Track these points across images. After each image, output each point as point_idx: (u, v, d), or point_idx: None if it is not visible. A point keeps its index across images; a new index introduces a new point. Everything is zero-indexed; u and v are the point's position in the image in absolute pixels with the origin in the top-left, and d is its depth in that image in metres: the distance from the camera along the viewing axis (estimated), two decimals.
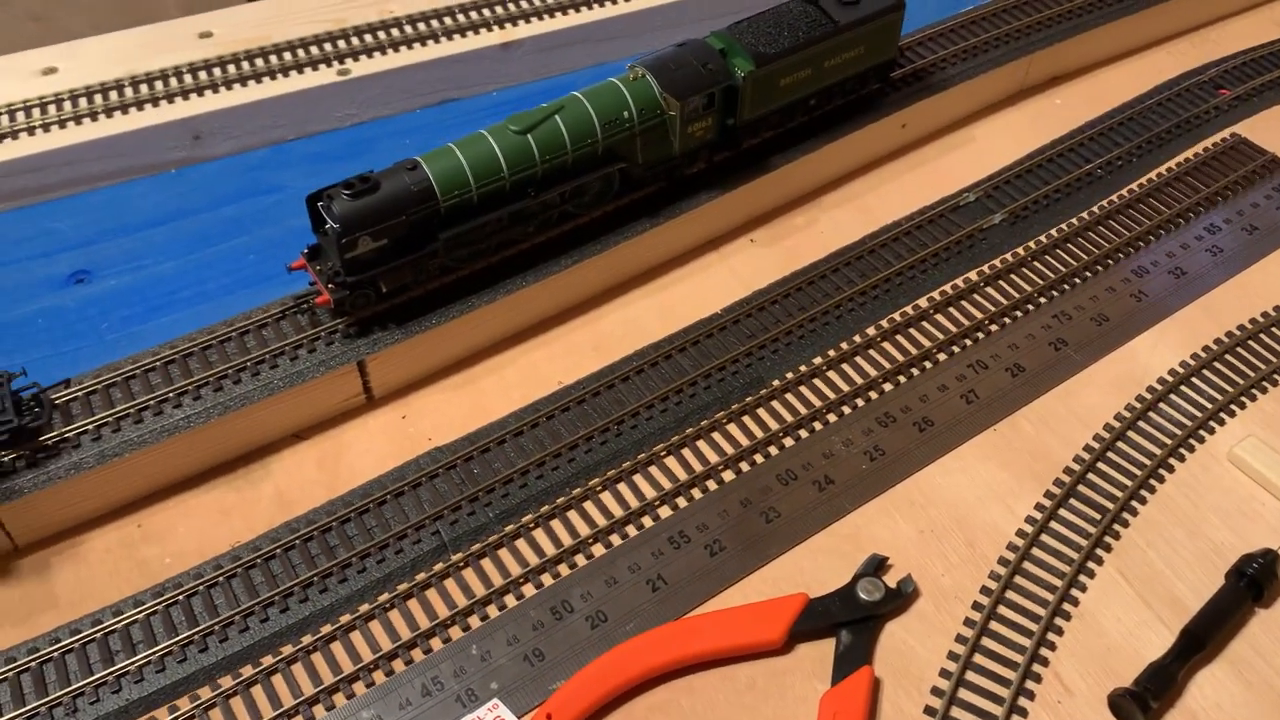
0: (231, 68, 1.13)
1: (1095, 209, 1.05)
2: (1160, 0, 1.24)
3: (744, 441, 0.87)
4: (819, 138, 1.06)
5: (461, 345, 0.92)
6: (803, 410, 0.89)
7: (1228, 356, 0.93)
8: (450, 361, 0.93)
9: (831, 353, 0.93)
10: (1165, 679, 0.72)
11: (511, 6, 1.21)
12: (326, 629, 0.76)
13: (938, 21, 1.19)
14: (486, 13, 1.20)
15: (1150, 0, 1.24)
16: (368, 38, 1.17)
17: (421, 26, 1.19)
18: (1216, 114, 1.16)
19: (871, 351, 0.93)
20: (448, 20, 1.19)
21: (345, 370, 0.87)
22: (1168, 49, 1.27)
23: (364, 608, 0.77)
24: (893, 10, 1.01)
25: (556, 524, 0.82)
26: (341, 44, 1.17)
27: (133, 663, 0.73)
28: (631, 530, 0.82)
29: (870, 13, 1.00)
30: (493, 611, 0.77)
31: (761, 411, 0.89)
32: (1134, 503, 0.83)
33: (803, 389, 0.91)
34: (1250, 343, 0.94)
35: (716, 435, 0.88)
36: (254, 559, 0.79)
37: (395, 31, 1.18)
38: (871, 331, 0.95)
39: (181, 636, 0.75)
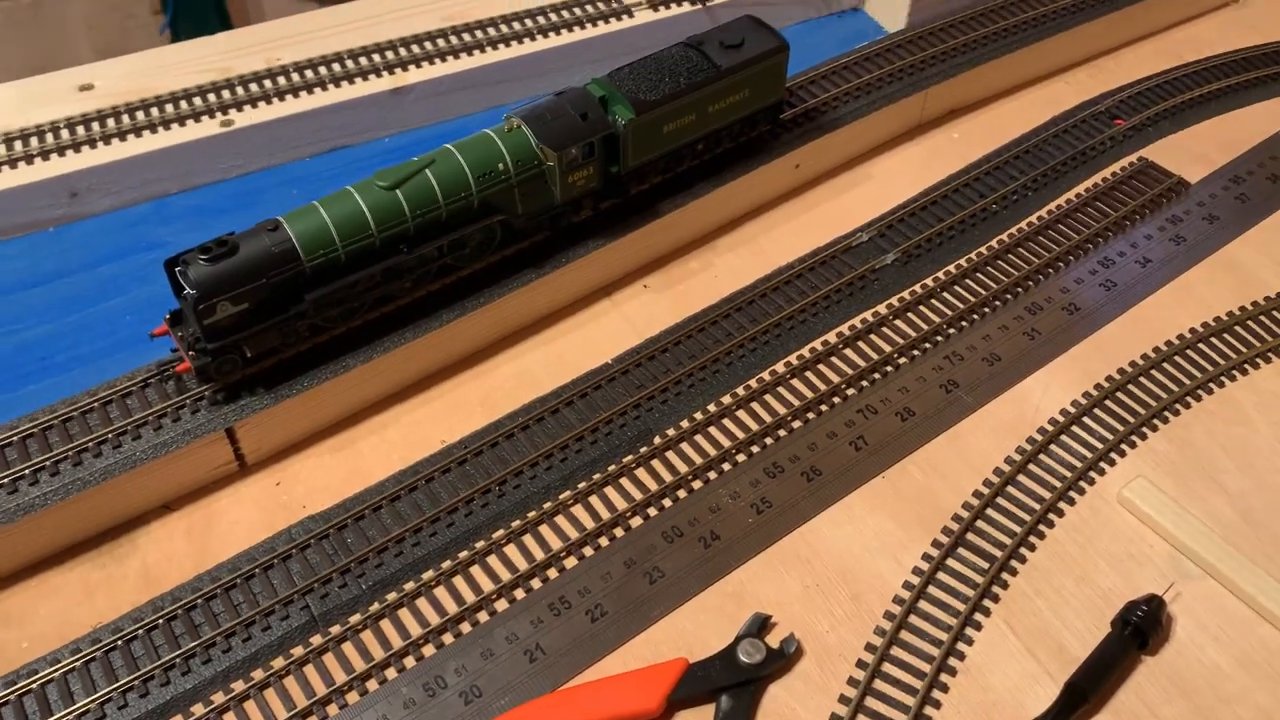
0: (111, 121, 1.10)
1: (990, 246, 1.05)
2: (1054, 32, 1.24)
3: (630, 498, 0.85)
4: (710, 181, 1.04)
5: (337, 407, 0.89)
6: (690, 463, 0.87)
7: (1119, 394, 0.92)
8: (327, 424, 0.90)
9: (724, 400, 0.92)
10: None
11: (403, 51, 1.19)
12: (194, 711, 0.73)
13: (830, 59, 1.19)
14: (377, 58, 1.18)
15: (1045, 32, 1.24)
16: (253, 86, 1.15)
17: (309, 74, 1.16)
18: (1112, 144, 1.16)
19: (761, 399, 0.92)
20: (336, 67, 1.17)
21: (213, 438, 0.84)
22: (1065, 79, 1.27)
23: (233, 686, 0.74)
24: (777, 52, 1.00)
25: (435, 592, 0.79)
26: (226, 94, 1.14)
27: None
28: (512, 597, 0.79)
29: (753, 55, 0.99)
30: (369, 687, 0.74)
31: (649, 466, 0.87)
32: (1023, 549, 0.82)
33: (691, 441, 0.89)
34: (1142, 379, 0.93)
35: (602, 493, 0.85)
36: (114, 641, 0.76)
37: (282, 80, 1.15)
38: (763, 378, 0.93)
39: None
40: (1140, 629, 0.75)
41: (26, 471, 0.81)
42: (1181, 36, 1.34)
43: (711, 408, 0.91)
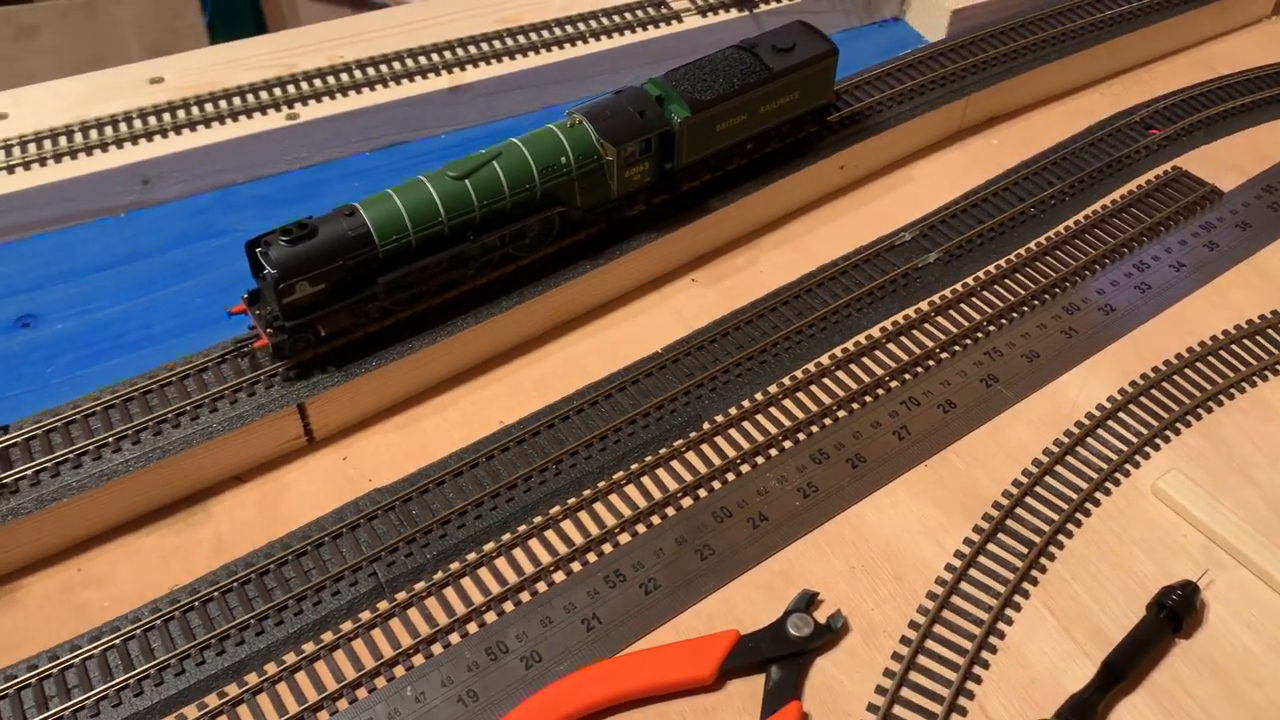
0: (181, 113, 1.15)
1: (1028, 248, 1.08)
2: (1091, 44, 1.28)
3: (681, 480, 0.88)
4: (757, 180, 1.08)
5: (402, 387, 0.93)
6: (739, 448, 0.91)
7: (1154, 391, 0.95)
8: (392, 403, 0.94)
9: (770, 389, 0.95)
10: (1085, 710, 0.74)
11: (460, 52, 1.23)
12: (267, 670, 0.76)
13: (876, 65, 1.22)
14: (435, 58, 1.22)
15: (1082, 44, 1.28)
16: (317, 82, 1.19)
17: (370, 71, 1.21)
18: (1147, 153, 1.19)
19: (807, 389, 0.95)
20: (396, 65, 1.21)
21: (285, 413, 0.88)
22: (1100, 90, 1.30)
23: (304, 648, 0.78)
24: (827, 56, 1.04)
25: (496, 563, 0.83)
26: (291, 89, 1.18)
27: (67, 708, 0.74)
28: (569, 569, 0.83)
29: (804, 59, 1.03)
30: (434, 651, 0.78)
31: (699, 450, 0.91)
32: (1060, 536, 0.85)
33: (739, 427, 0.92)
34: (1176, 377, 0.96)
35: (654, 474, 0.89)
36: (191, 602, 0.80)
37: (344, 76, 1.20)
38: (809, 369, 0.97)
39: (116, 681, 0.75)
40: (1175, 612, 0.78)
41: (110, 440, 0.85)
42: (1217, 50, 1.37)
43: (759, 396, 0.95)
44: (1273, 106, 1.26)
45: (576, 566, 0.83)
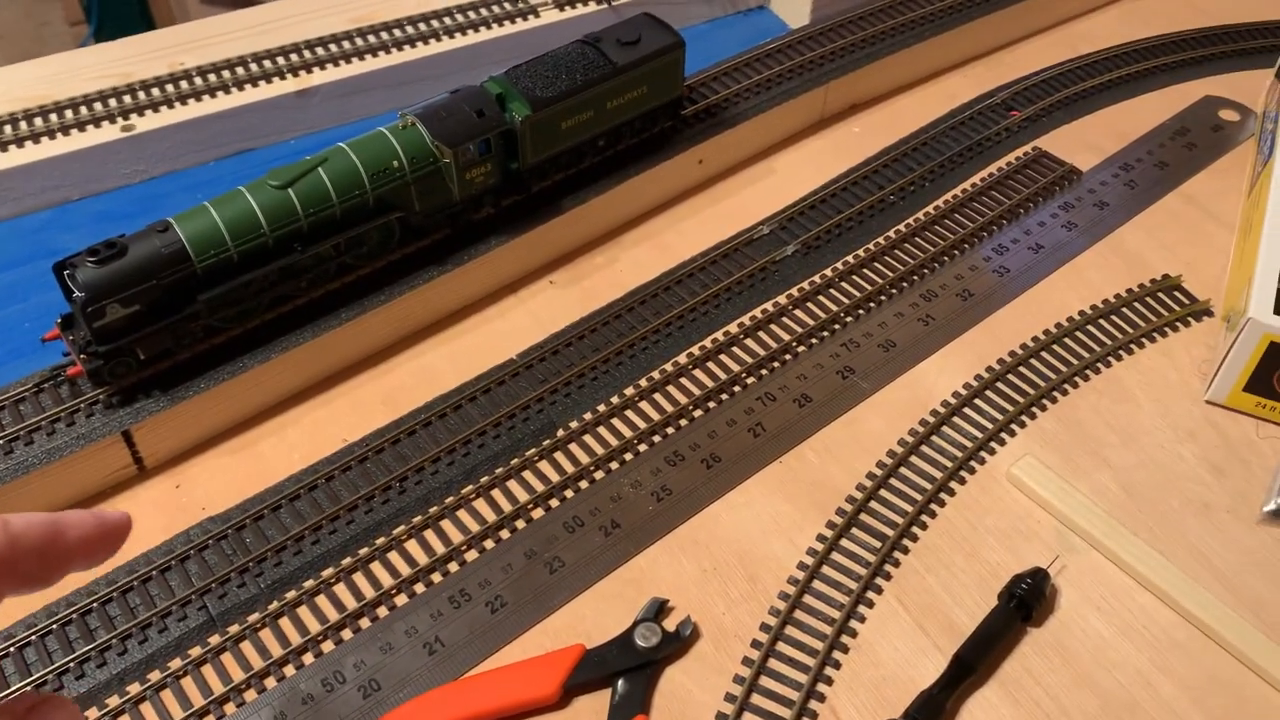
0: (7, 128, 1.09)
1: (887, 236, 1.07)
2: (953, 26, 1.27)
3: (532, 490, 0.86)
4: (612, 178, 1.05)
5: (236, 408, 0.89)
6: (593, 454, 0.88)
7: (1010, 376, 0.95)
8: (227, 425, 0.90)
9: (627, 392, 0.93)
10: (934, 707, 0.73)
11: (307, 54, 1.19)
12: (89, 716, 0.72)
13: (735, 55, 1.21)
14: (281, 61, 1.18)
15: (945, 26, 1.27)
16: (155, 91, 1.14)
17: (213, 78, 1.16)
18: (1008, 135, 1.19)
19: (663, 390, 0.93)
20: (240, 70, 1.17)
21: (109, 442, 0.83)
22: (963, 72, 1.30)
23: (129, 689, 0.74)
24: (673, 49, 1.02)
25: (335, 589, 0.80)
26: (128, 99, 1.13)
27: None
28: (412, 592, 0.80)
29: (649, 52, 1.00)
30: (267, 685, 0.75)
31: (552, 458, 0.88)
32: (914, 528, 0.84)
33: (594, 432, 0.90)
34: (1032, 361, 0.96)
35: (505, 486, 0.86)
36: (7, 648, 0.75)
37: (185, 84, 1.15)
38: (666, 369, 0.95)
39: None
40: (1025, 601, 0.77)
41: None
42: (1079, 29, 1.37)
43: (615, 399, 0.92)
44: (1131, 84, 1.27)
45: (420, 588, 0.80)
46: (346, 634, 0.77)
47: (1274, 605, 0.80)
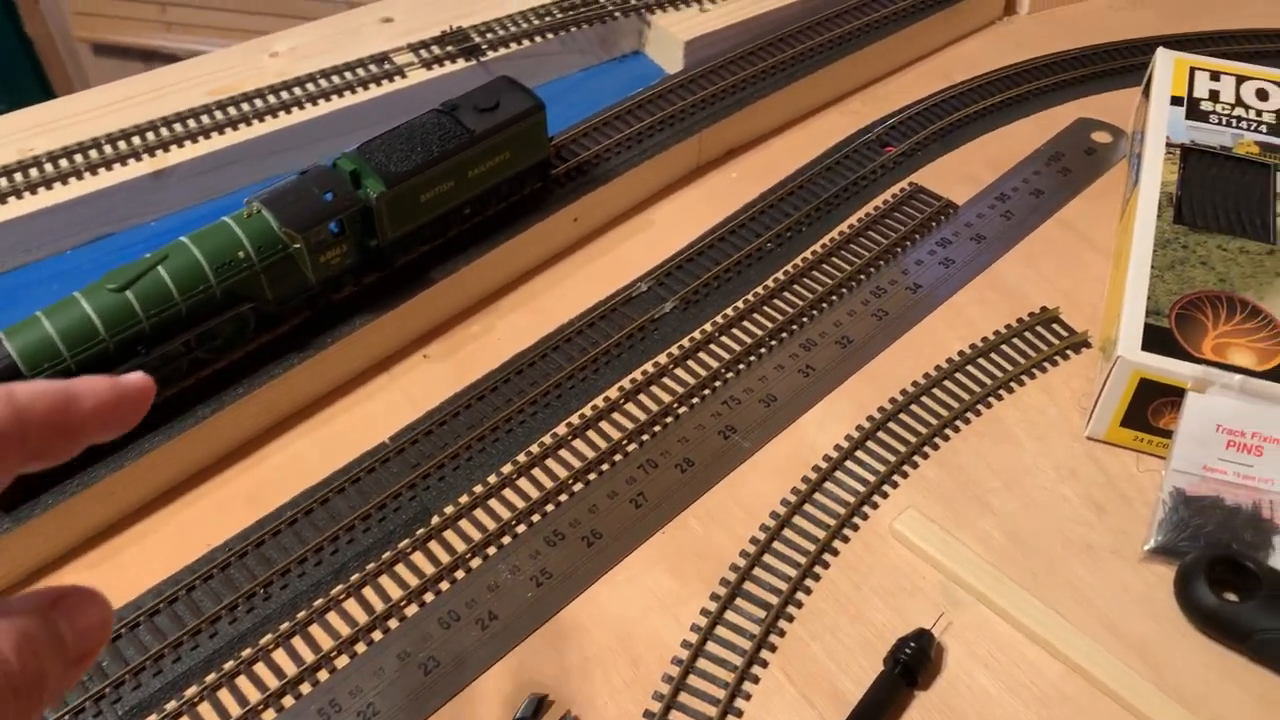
0: None
1: (766, 285, 1.06)
2: (828, 62, 1.27)
3: (406, 585, 0.83)
4: (483, 245, 1.03)
5: (92, 521, 0.85)
6: (469, 541, 0.85)
7: (891, 424, 0.94)
8: (84, 538, 0.86)
9: (504, 469, 0.90)
10: None
11: (165, 131, 1.15)
12: None
13: (606, 108, 1.19)
14: (136, 141, 1.14)
15: (819, 63, 1.27)
16: (3, 181, 1.09)
17: (64, 163, 1.11)
18: (884, 172, 1.19)
19: (542, 465, 0.91)
20: (93, 153, 1.12)
21: None
22: (840, 109, 1.30)
23: None
24: (533, 112, 1.00)
25: (199, 709, 0.76)
26: None
27: None
28: (280, 707, 0.76)
29: (509, 117, 0.98)
30: None
31: (426, 548, 0.85)
32: (799, 593, 0.83)
33: (470, 517, 0.87)
34: (913, 406, 0.95)
35: (376, 583, 0.83)
36: None
37: (35, 172, 1.10)
38: (544, 442, 0.92)
39: None
40: (909, 667, 0.76)
41: None
42: (953, 56, 1.38)
43: (492, 479, 0.90)
44: (1005, 111, 1.27)
45: (289, 701, 0.76)
46: None
47: (1159, 645, 0.79)
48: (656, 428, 0.94)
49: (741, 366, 0.98)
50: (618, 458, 0.91)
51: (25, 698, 0.35)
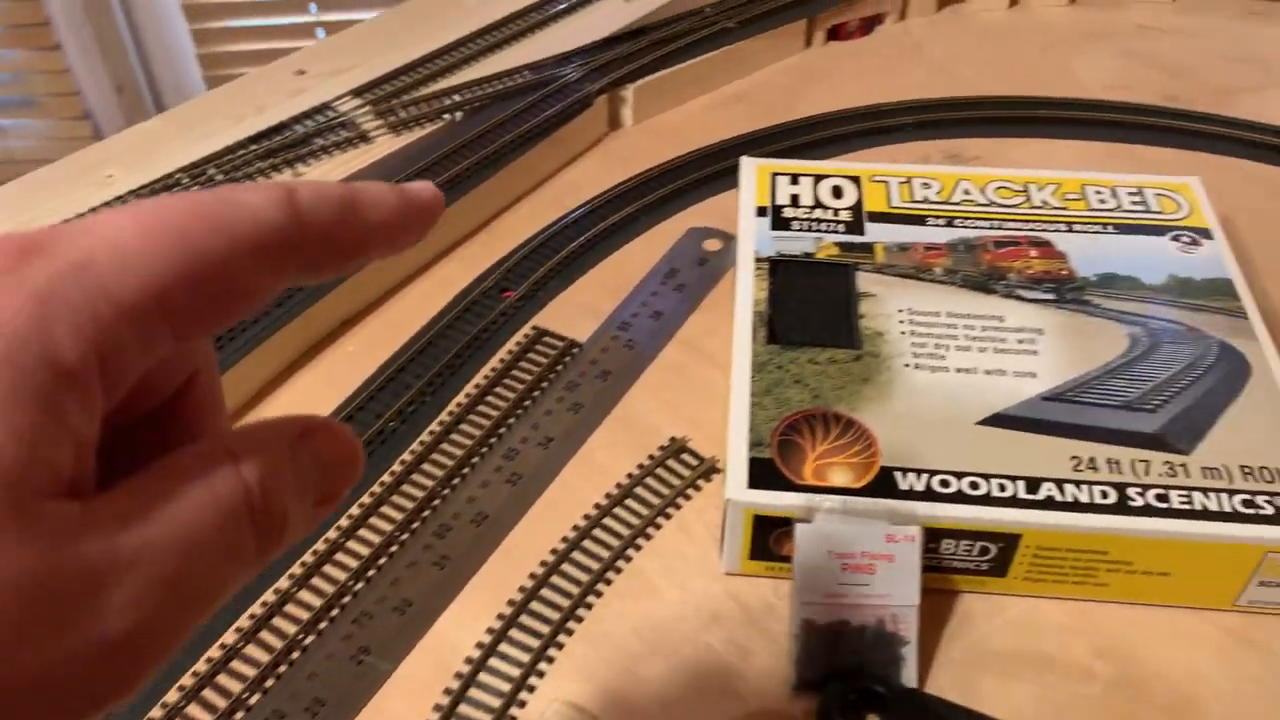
0: None
1: (392, 471, 1.00)
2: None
3: None
4: None
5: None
6: None
7: (531, 605, 0.90)
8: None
9: None
10: None
11: None
12: None
13: None
14: None
15: None
16: None
17: None
18: (505, 319, 1.16)
19: None
20: None
21: None
22: (459, 255, 1.27)
23: None
24: None
25: None
26: None
27: None
28: None
29: None
30: None
31: None
32: None
33: None
34: (552, 578, 0.92)
35: None
36: None
37: None
38: (152, 718, 0.83)
39: None
40: None
41: None
42: (564, 182, 1.38)
43: None
44: (619, 233, 1.28)
45: None
46: None
47: None
48: (282, 666, 0.86)
49: (371, 573, 0.92)
50: (238, 715, 0.83)
51: (265, 536, 0.33)
